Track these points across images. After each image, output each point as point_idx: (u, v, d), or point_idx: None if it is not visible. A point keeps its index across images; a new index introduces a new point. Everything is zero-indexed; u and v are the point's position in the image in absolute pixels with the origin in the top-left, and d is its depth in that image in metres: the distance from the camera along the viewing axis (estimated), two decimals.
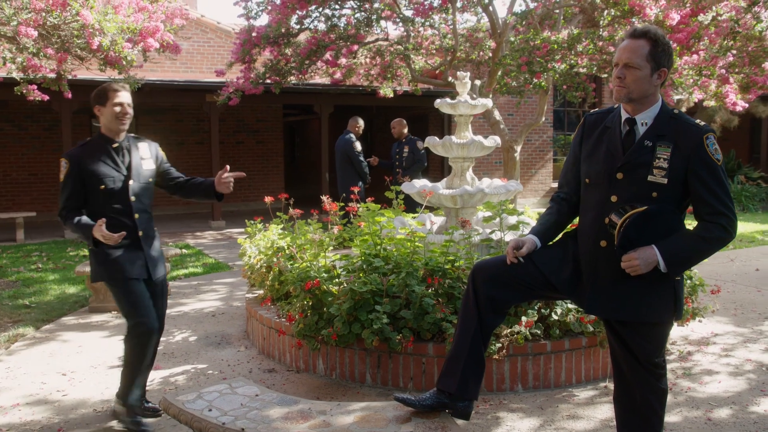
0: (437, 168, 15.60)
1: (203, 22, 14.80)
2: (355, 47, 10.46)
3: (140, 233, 3.55)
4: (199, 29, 14.79)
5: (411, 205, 8.15)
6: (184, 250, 9.57)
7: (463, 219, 4.22)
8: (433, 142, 5.38)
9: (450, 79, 10.47)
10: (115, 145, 3.55)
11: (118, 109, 3.48)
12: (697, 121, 2.63)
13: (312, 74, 11.10)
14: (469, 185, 5.31)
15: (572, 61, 9.32)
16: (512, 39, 9.71)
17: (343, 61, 10.88)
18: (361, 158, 9.00)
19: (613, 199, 2.63)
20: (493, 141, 5.33)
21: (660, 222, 2.55)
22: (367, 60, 11.60)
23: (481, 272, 2.85)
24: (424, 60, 11.62)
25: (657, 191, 2.56)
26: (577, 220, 2.91)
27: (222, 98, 10.45)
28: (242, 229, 11.48)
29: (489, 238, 4.61)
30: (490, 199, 5.08)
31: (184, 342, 5.12)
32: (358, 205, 5.37)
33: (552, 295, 2.89)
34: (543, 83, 9.37)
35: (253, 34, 10.35)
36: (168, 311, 6.04)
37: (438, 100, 5.38)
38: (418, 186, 5.31)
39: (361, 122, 9.21)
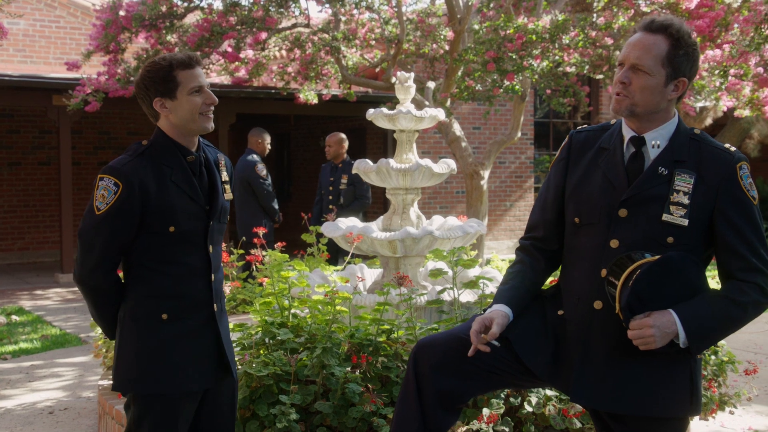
0: (380, 201, 15.67)
1: None
2: (264, 35, 10.50)
3: (215, 307, 3.05)
4: (43, 3, 14.64)
5: (339, 254, 8.14)
6: (14, 317, 9.28)
7: (400, 274, 4.23)
8: (364, 168, 5.41)
9: (394, 80, 10.57)
10: (191, 157, 3.00)
11: (198, 99, 2.92)
12: (726, 145, 2.70)
13: (206, 71, 11.08)
14: (414, 226, 5.35)
15: (556, 57, 9.57)
16: (476, 27, 9.93)
17: (249, 53, 10.91)
18: (268, 188, 8.91)
19: (614, 244, 2.66)
20: (446, 166, 5.39)
21: (680, 277, 2.58)
22: (283, 53, 11.66)
23: (426, 355, 2.81)
24: (360, 54, 11.75)
25: (674, 236, 2.60)
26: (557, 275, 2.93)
27: (75, 101, 10.29)
28: None
29: (439, 300, 4.62)
30: (441, 245, 5.11)
31: None
32: (264, 253, 5.33)
33: (526, 382, 2.89)
34: (517, 86, 9.58)
35: (121, 13, 10.29)
36: None
37: (371, 110, 5.42)
38: (343, 227, 5.31)
39: (266, 136, 9.17)
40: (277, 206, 9.04)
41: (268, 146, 9.23)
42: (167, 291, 2.95)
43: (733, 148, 2.68)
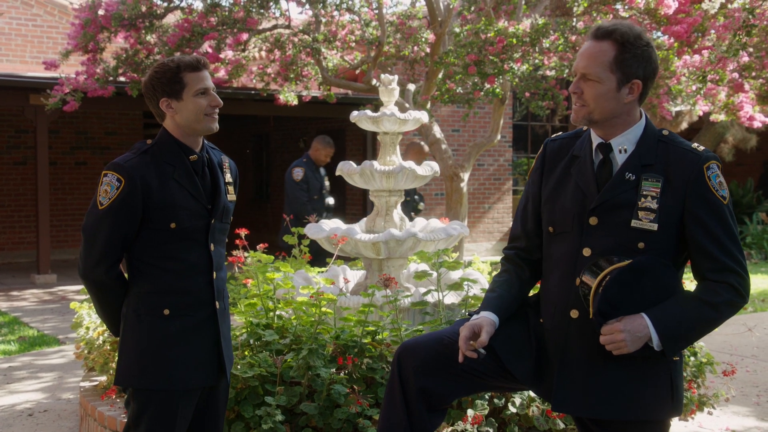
0: (360, 203, 15.69)
1: None
2: (245, 36, 10.49)
3: (217, 305, 3.10)
4: (20, 1, 14.55)
5: (321, 255, 8.10)
6: None
7: (386, 275, 4.25)
8: (348, 169, 5.42)
9: (374, 82, 10.64)
10: (194, 157, 3.06)
11: (203, 101, 2.99)
12: (694, 144, 2.72)
13: None
14: (397, 228, 5.37)
15: (537, 61, 9.64)
16: (457, 30, 9.98)
17: (229, 54, 10.90)
18: (298, 192, 8.69)
19: (586, 252, 2.68)
20: (429, 168, 5.42)
21: (651, 281, 2.60)
22: (263, 54, 11.65)
23: (410, 357, 2.83)
24: (340, 56, 11.78)
25: (644, 241, 2.62)
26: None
27: (54, 101, 10.24)
28: (81, 287, 11.15)
29: (423, 302, 4.65)
30: (424, 247, 5.15)
31: None
32: (246, 255, 5.33)
33: (508, 385, 2.93)
34: (498, 90, 9.64)
35: (100, 12, 10.24)
36: None
37: (355, 113, 5.43)
38: (327, 229, 5.33)
39: (325, 146, 8.83)
40: (307, 214, 8.69)
41: (326, 158, 8.99)
42: (169, 287, 3.00)
43: (701, 148, 2.69)
